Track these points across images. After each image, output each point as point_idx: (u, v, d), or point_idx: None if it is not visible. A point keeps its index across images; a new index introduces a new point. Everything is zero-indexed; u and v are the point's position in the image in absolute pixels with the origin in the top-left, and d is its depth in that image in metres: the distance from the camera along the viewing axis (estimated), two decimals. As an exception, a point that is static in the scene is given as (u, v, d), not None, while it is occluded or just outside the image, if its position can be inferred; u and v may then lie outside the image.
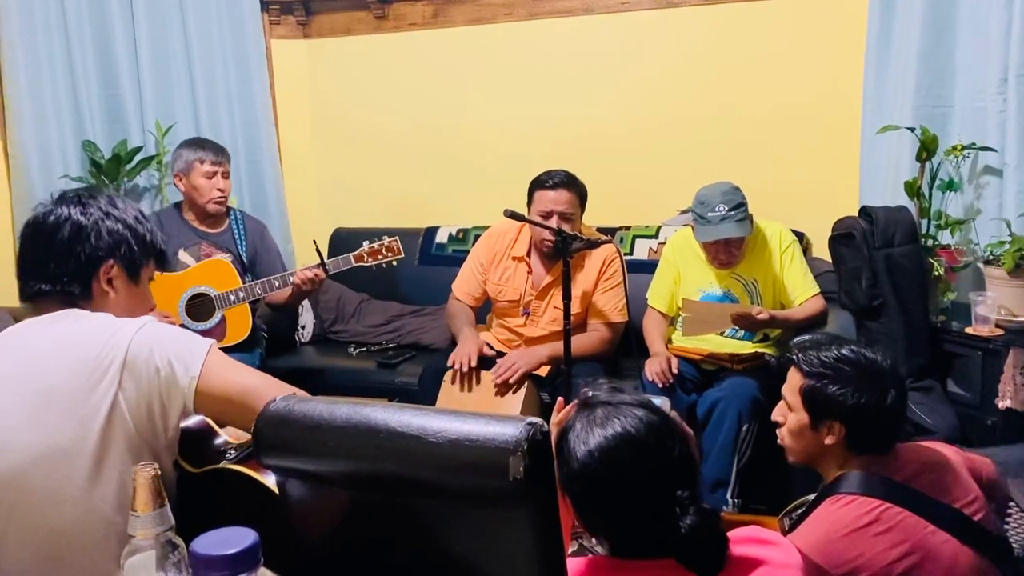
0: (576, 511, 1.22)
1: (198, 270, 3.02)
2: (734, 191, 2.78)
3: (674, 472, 1.18)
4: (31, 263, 1.42)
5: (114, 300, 1.44)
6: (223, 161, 3.18)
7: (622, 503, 1.18)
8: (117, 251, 1.43)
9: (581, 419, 1.22)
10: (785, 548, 1.27)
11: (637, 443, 1.18)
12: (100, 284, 1.42)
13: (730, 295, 2.91)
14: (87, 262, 1.41)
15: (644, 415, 1.21)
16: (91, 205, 1.44)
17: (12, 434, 1.26)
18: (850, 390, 1.55)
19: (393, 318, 3.79)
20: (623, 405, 1.22)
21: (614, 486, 1.18)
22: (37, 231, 1.42)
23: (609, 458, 1.17)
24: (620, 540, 1.21)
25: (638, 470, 1.17)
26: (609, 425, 1.19)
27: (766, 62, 3.43)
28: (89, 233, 1.41)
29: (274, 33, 4.08)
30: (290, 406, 1.04)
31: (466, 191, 3.96)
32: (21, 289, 1.45)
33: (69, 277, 1.40)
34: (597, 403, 1.24)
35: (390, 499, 1.02)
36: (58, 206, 1.44)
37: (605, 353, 2.95)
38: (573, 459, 1.19)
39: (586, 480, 1.19)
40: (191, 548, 0.68)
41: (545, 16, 3.70)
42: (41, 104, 3.55)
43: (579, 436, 1.20)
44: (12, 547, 1.25)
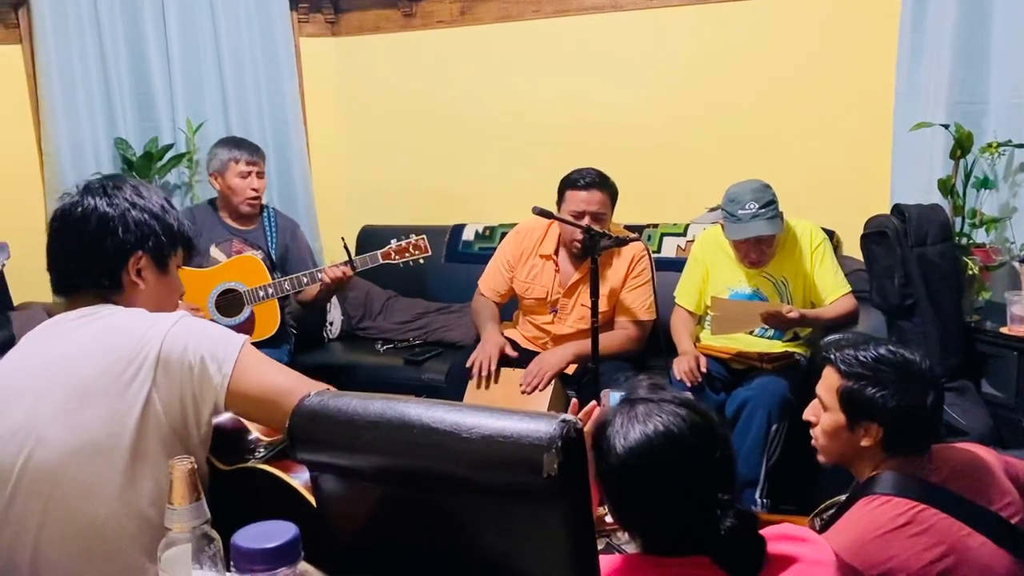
0: (611, 506, 1.22)
1: (228, 266, 3.05)
2: (764, 188, 2.75)
3: (715, 474, 1.17)
4: (60, 256, 1.42)
5: (144, 291, 1.43)
6: (258, 161, 3.20)
7: (659, 502, 1.17)
8: (145, 243, 1.43)
9: (621, 415, 1.21)
10: (818, 545, 1.26)
11: (679, 442, 1.17)
12: (130, 276, 1.42)
13: (759, 293, 2.88)
14: (115, 254, 1.40)
15: (687, 414, 1.19)
16: (116, 196, 1.43)
17: (49, 428, 1.27)
18: (889, 392, 1.52)
19: (419, 315, 3.80)
20: (665, 403, 1.20)
21: (652, 484, 1.17)
22: (65, 224, 1.42)
23: (649, 455, 1.16)
24: (654, 538, 1.20)
25: (678, 470, 1.16)
26: (651, 422, 1.18)
27: (796, 58, 3.39)
28: (116, 225, 1.40)
29: (303, 31, 4.10)
30: (324, 401, 1.04)
31: (493, 189, 3.96)
32: (53, 282, 1.45)
33: (98, 270, 1.40)
34: (638, 399, 1.22)
35: (422, 494, 1.02)
36: (84, 197, 1.42)
37: (632, 351, 2.94)
38: (612, 454, 1.18)
39: (624, 476, 1.18)
40: (232, 541, 0.68)
41: (573, 13, 3.69)
42: (74, 102, 3.60)
43: (619, 431, 1.19)
44: (50, 540, 1.27)
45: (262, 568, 0.66)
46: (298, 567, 0.69)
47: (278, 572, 0.67)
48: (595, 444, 1.21)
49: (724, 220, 2.82)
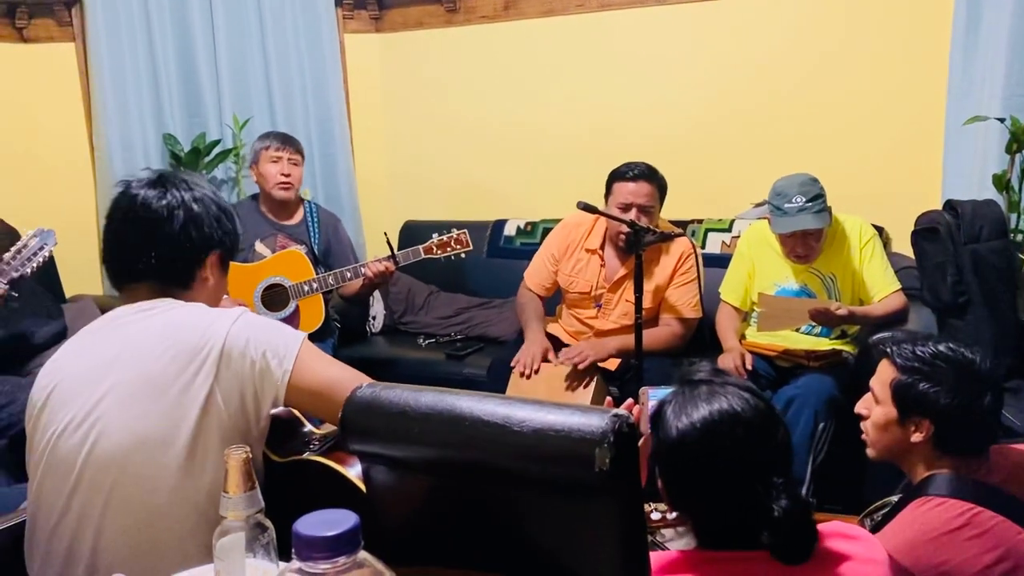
0: (666, 486, 1.21)
1: (273, 261, 3.08)
2: (812, 182, 2.71)
3: (774, 458, 1.17)
4: (137, 245, 1.42)
5: (208, 288, 1.47)
6: (288, 147, 3.23)
7: (718, 481, 1.16)
8: (225, 241, 1.47)
9: (681, 394, 1.21)
10: (870, 543, 1.24)
11: (743, 422, 1.17)
12: (204, 272, 1.46)
13: (807, 290, 2.84)
14: (199, 249, 1.44)
15: (750, 398, 1.19)
16: (196, 189, 1.45)
17: (113, 419, 1.30)
18: (944, 389, 1.49)
19: (461, 310, 3.81)
20: (728, 385, 1.21)
21: (712, 462, 1.17)
22: (148, 214, 1.41)
23: (712, 432, 1.16)
24: (707, 520, 1.19)
25: (739, 449, 1.16)
26: (715, 401, 1.18)
27: (845, 51, 3.34)
28: (202, 220, 1.43)
29: (347, 28, 4.13)
30: (376, 393, 1.05)
31: (535, 184, 3.96)
32: (113, 273, 1.46)
33: (179, 264, 1.42)
34: (701, 380, 1.22)
35: (472, 487, 1.02)
36: (167, 190, 1.43)
37: (676, 348, 2.92)
38: (670, 431, 1.18)
39: (685, 454, 1.18)
40: (294, 528, 0.69)
41: (617, 7, 3.67)
42: (124, 99, 3.67)
43: (680, 409, 1.19)
44: (110, 529, 1.29)
45: (323, 556, 0.67)
46: (358, 555, 0.69)
47: (338, 560, 0.67)
48: (654, 422, 1.22)
49: (770, 214, 2.78)
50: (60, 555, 1.31)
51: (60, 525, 1.31)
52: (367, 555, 0.71)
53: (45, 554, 1.33)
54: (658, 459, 1.21)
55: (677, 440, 1.17)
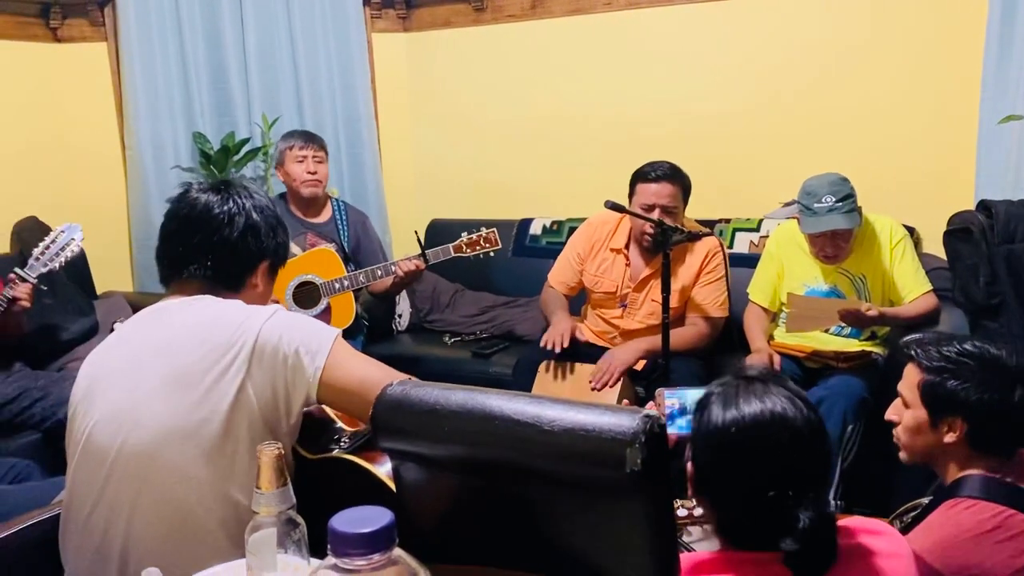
0: (695, 471, 1.21)
1: (305, 259, 3.11)
2: (842, 182, 2.69)
3: (813, 470, 1.16)
4: (193, 246, 1.44)
5: (255, 295, 1.49)
6: (312, 146, 3.25)
7: (751, 478, 1.15)
8: (277, 253, 1.51)
9: (733, 386, 1.20)
10: (893, 537, 1.24)
11: (791, 428, 1.16)
12: (255, 279, 1.49)
13: (836, 291, 2.81)
14: (254, 257, 1.47)
15: (803, 407, 1.18)
16: (256, 199, 1.49)
17: (146, 411, 1.31)
18: (972, 385, 1.47)
19: (487, 308, 3.82)
20: (783, 389, 1.20)
21: (751, 458, 1.16)
22: (209, 217, 1.44)
23: (759, 429, 1.16)
24: (728, 514, 1.19)
25: (783, 453, 1.15)
26: (768, 400, 1.17)
27: (877, 48, 3.30)
28: (260, 231, 1.47)
29: (375, 27, 4.15)
30: (407, 391, 1.05)
31: (561, 183, 3.95)
32: (169, 270, 1.48)
33: (232, 268, 1.45)
34: (755, 378, 1.22)
35: (502, 486, 1.02)
36: (230, 197, 1.47)
37: (703, 348, 2.90)
38: (714, 418, 1.18)
39: (724, 442, 1.17)
40: (330, 525, 0.69)
41: (645, 5, 3.65)
42: (155, 98, 3.72)
43: (729, 400, 1.18)
44: (142, 520, 1.31)
45: (358, 552, 0.67)
46: (392, 553, 0.69)
47: (373, 557, 0.68)
48: (697, 408, 1.22)
49: (800, 213, 2.76)
50: (93, 545, 1.33)
51: (93, 515, 1.33)
52: (401, 552, 0.71)
53: (79, 543, 1.35)
54: (694, 443, 1.20)
55: (722, 428, 1.17)
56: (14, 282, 2.69)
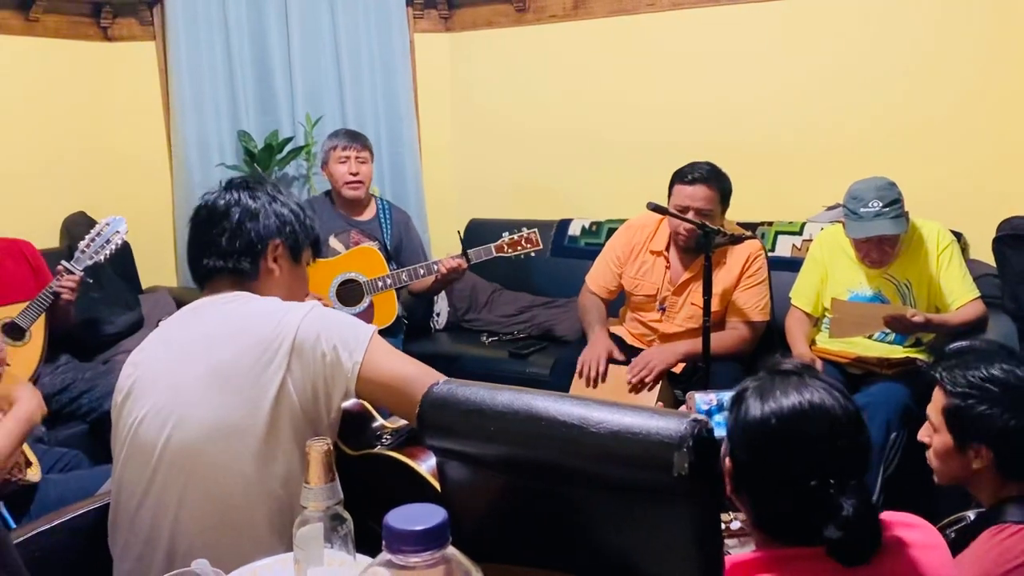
0: (733, 467, 1.20)
1: (348, 257, 3.14)
2: (890, 187, 2.64)
3: (854, 460, 1.16)
4: (204, 243, 1.50)
5: (278, 279, 1.51)
6: (355, 146, 3.27)
7: (793, 469, 1.14)
8: (283, 231, 1.52)
9: (768, 380, 1.19)
10: (927, 530, 1.22)
11: (832, 418, 1.15)
12: (267, 262, 1.50)
13: (881, 296, 2.77)
14: (256, 240, 1.49)
15: (840, 397, 1.18)
16: (258, 190, 1.54)
17: (190, 408, 1.34)
18: (998, 411, 1.44)
19: (524, 309, 3.82)
20: (819, 380, 1.19)
21: (794, 449, 1.15)
22: (211, 214, 1.51)
23: (800, 420, 1.15)
24: (769, 508, 1.18)
25: (825, 443, 1.14)
26: (806, 392, 1.16)
27: (924, 51, 3.24)
28: (257, 214, 1.50)
29: (417, 27, 4.18)
30: (453, 389, 1.05)
31: (601, 184, 3.94)
32: (193, 270, 1.53)
33: (240, 254, 1.48)
34: (790, 371, 1.21)
35: (547, 486, 1.02)
36: (227, 192, 1.53)
37: (743, 352, 2.87)
38: (752, 412, 1.17)
39: (765, 435, 1.16)
40: (385, 521, 0.70)
41: (689, 6, 3.63)
42: (201, 96, 3.78)
43: (767, 393, 1.17)
44: (188, 514, 1.33)
45: (413, 549, 0.68)
46: (446, 550, 0.70)
47: (427, 554, 0.68)
48: (733, 403, 1.22)
49: (845, 217, 2.72)
50: (141, 538, 1.36)
51: (141, 509, 1.36)
52: (454, 550, 0.71)
53: (127, 536, 1.38)
54: (732, 439, 1.20)
55: (761, 421, 1.16)
56: (61, 274, 2.75)
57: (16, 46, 3.40)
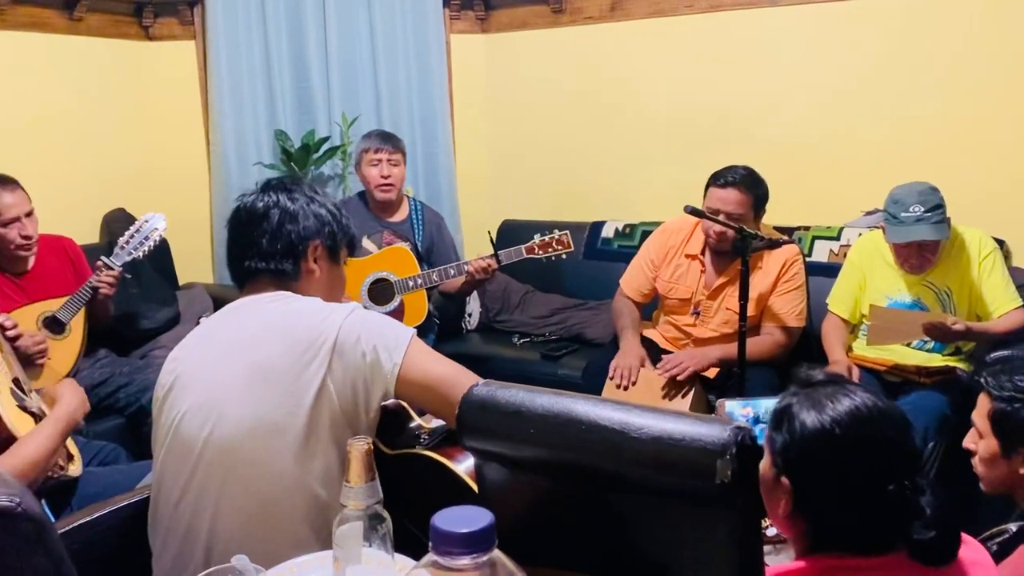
0: (796, 491, 1.15)
1: (380, 256, 3.16)
2: (932, 191, 2.60)
3: (916, 458, 1.17)
4: (244, 244, 1.51)
5: (318, 279, 1.53)
6: (387, 148, 3.27)
7: (866, 475, 1.11)
8: (322, 232, 1.53)
9: (810, 392, 1.17)
10: (973, 546, 1.20)
11: (889, 416, 1.14)
12: (308, 262, 1.52)
13: (920, 303, 2.73)
14: (297, 240, 1.50)
15: (881, 398, 1.16)
16: (296, 191, 1.55)
17: (230, 405, 1.35)
18: None
19: (556, 311, 3.82)
20: (860, 389, 1.17)
21: (861, 457, 1.12)
22: (250, 215, 1.52)
23: (861, 424, 1.12)
24: (842, 520, 1.13)
25: (892, 443, 1.12)
26: (855, 396, 1.14)
27: (968, 57, 3.18)
28: (297, 215, 1.51)
29: (454, 28, 4.19)
30: (492, 391, 1.05)
31: (635, 186, 3.92)
32: (234, 271, 1.55)
33: (281, 255, 1.49)
34: (824, 382, 1.19)
35: (586, 490, 1.02)
36: (266, 194, 1.54)
37: (779, 358, 2.84)
38: (808, 428, 1.14)
39: (827, 449, 1.12)
40: (432, 522, 0.70)
41: (728, 8, 3.60)
42: (239, 95, 3.82)
43: (814, 404, 1.14)
44: (227, 510, 1.35)
45: (460, 551, 0.68)
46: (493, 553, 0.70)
47: (474, 556, 0.68)
48: (777, 422, 1.18)
49: (885, 222, 2.68)
50: (180, 532, 1.38)
51: (180, 504, 1.38)
52: (500, 554, 0.71)
53: (167, 530, 1.40)
54: (786, 457, 1.15)
55: (822, 432, 1.12)
56: (100, 269, 2.79)
57: (60, 45, 3.46)
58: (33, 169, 2.92)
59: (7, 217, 2.64)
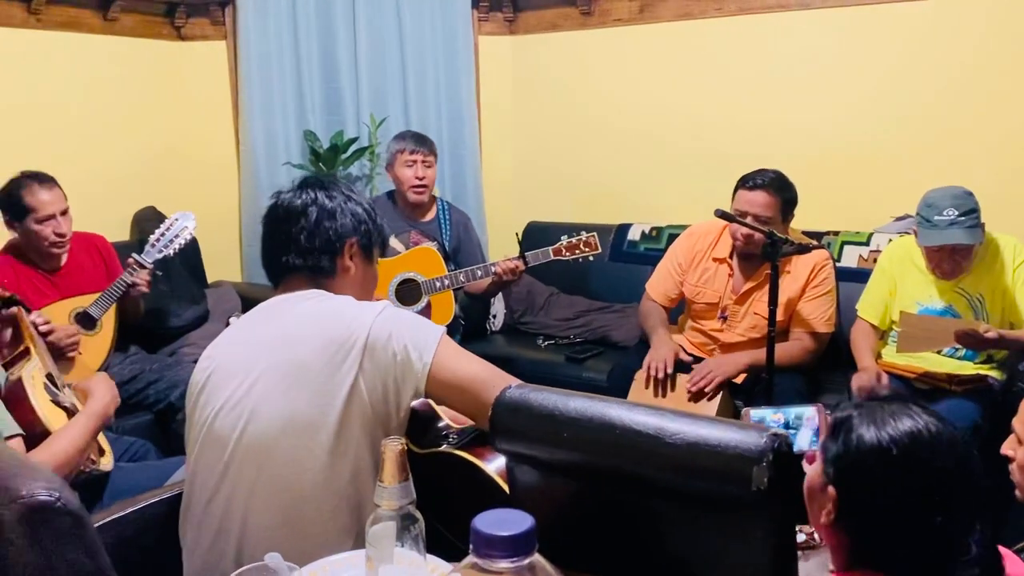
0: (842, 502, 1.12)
1: (408, 256, 3.17)
2: (967, 196, 2.57)
3: (974, 496, 1.09)
4: (282, 241, 1.52)
5: (352, 277, 1.54)
6: (422, 150, 3.29)
7: (915, 505, 1.07)
8: (358, 229, 1.55)
9: (872, 406, 1.14)
10: (1014, 560, 1.17)
11: (952, 446, 1.09)
12: (344, 259, 1.53)
13: (952, 310, 2.69)
14: (334, 238, 1.52)
15: (951, 426, 1.12)
16: (333, 189, 1.56)
17: (263, 404, 1.36)
18: None
19: (581, 313, 3.81)
20: (924, 413, 1.13)
21: (914, 481, 1.08)
22: (288, 212, 1.53)
23: (923, 447, 1.08)
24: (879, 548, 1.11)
25: (950, 476, 1.07)
26: (918, 419, 1.10)
27: (1004, 62, 3.14)
28: (335, 212, 1.53)
29: (482, 30, 4.19)
30: (526, 394, 1.06)
31: (662, 189, 3.91)
32: (270, 267, 1.56)
33: (319, 251, 1.50)
34: (889, 397, 1.16)
35: (619, 495, 1.02)
36: (303, 191, 1.55)
37: (807, 364, 2.82)
38: (866, 442, 1.10)
39: (881, 466, 1.09)
40: (473, 525, 0.70)
41: (757, 11, 3.57)
42: (269, 96, 3.85)
43: (876, 420, 1.11)
44: (259, 507, 1.36)
45: (501, 554, 0.68)
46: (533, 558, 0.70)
47: (515, 560, 0.68)
48: (835, 431, 1.15)
49: (918, 225, 2.64)
50: (212, 529, 1.39)
51: (213, 501, 1.39)
52: (540, 558, 0.71)
53: (198, 526, 1.41)
54: (839, 467, 1.13)
55: (879, 449, 1.09)
56: (131, 267, 2.82)
57: (95, 44, 3.50)
58: (66, 167, 2.95)
59: (43, 214, 2.68)
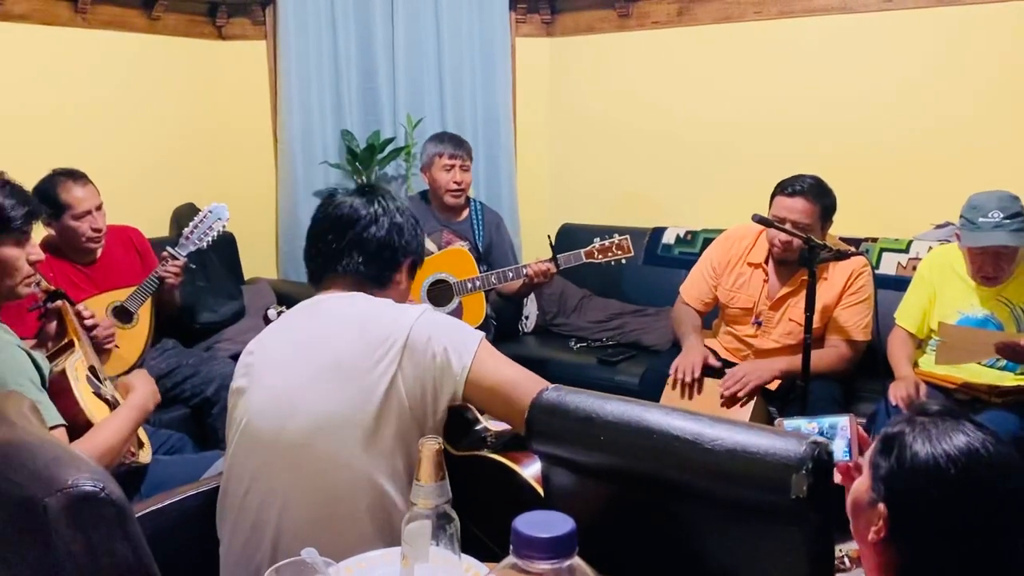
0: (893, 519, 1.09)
1: (440, 257, 3.18)
2: (1013, 199, 2.52)
3: None
4: (346, 244, 1.53)
5: (399, 290, 1.58)
6: (461, 155, 3.31)
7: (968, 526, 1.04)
8: (418, 252, 1.61)
9: (924, 422, 1.11)
10: None
11: (1010, 465, 1.06)
12: (399, 274, 1.57)
13: (993, 319, 2.64)
14: (401, 254, 1.56)
15: (1004, 445, 1.09)
16: (401, 206, 1.60)
17: (302, 400, 1.38)
18: None
19: (614, 316, 3.80)
20: (976, 429, 1.09)
21: (969, 501, 1.05)
22: (356, 218, 1.54)
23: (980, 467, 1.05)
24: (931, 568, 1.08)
25: (1005, 499, 1.05)
26: (972, 435, 1.07)
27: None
28: (403, 229, 1.57)
29: (519, 31, 4.20)
30: (563, 396, 1.06)
31: (697, 193, 3.89)
32: (320, 270, 1.56)
33: (384, 262, 1.54)
34: (942, 412, 1.13)
35: (655, 499, 1.02)
36: (373, 201, 1.57)
37: (842, 372, 2.78)
38: (920, 458, 1.07)
39: (936, 484, 1.06)
40: (514, 526, 0.70)
41: (798, 15, 3.54)
42: (308, 96, 3.88)
43: (930, 435, 1.08)
44: (295, 503, 1.37)
45: (542, 556, 0.68)
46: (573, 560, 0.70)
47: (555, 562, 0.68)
48: (885, 446, 1.12)
49: (961, 228, 2.60)
50: (248, 522, 1.40)
51: (250, 495, 1.41)
52: (580, 561, 0.71)
53: (235, 521, 1.43)
54: (890, 483, 1.10)
55: (934, 466, 1.06)
56: (166, 259, 2.86)
57: (139, 43, 3.57)
58: (107, 162, 3.01)
59: (79, 211, 2.72)
